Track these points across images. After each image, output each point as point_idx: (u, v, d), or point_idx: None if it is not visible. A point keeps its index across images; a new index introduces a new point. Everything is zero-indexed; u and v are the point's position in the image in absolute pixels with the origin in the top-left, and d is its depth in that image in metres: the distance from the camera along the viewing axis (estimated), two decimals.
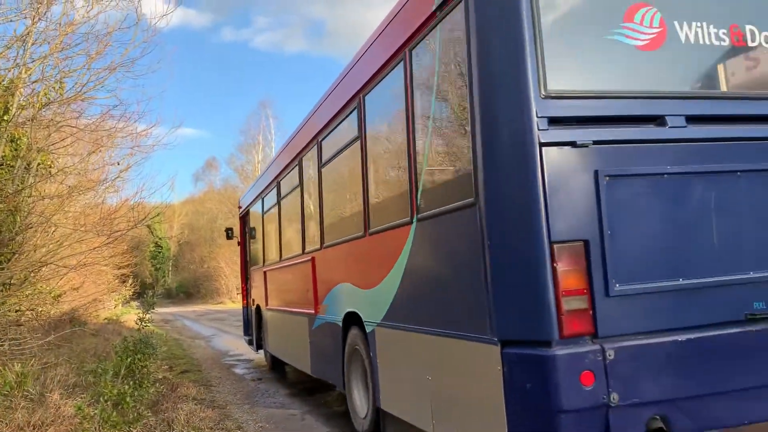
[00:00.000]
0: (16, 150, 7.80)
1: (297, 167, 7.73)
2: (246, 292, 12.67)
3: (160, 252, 59.01)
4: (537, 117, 3.16)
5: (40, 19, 7.66)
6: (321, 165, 6.68)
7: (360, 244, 5.47)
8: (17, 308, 7.51)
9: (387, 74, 4.81)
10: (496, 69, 3.38)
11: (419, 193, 4.25)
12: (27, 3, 7.65)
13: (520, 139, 3.19)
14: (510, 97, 3.26)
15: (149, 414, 5.93)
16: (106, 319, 19.47)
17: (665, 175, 3.32)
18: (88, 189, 9.70)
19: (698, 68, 3.67)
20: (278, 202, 9.01)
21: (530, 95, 3.17)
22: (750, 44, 3.67)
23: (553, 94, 3.21)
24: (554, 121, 3.18)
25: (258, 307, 11.02)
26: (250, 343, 11.97)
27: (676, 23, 3.50)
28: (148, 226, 52.92)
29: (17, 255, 7.58)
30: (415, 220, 4.28)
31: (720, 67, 3.70)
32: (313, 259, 7.02)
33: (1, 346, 7.27)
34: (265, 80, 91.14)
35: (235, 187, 53.33)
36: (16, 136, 7.84)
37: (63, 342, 11.17)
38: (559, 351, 3.03)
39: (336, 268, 6.28)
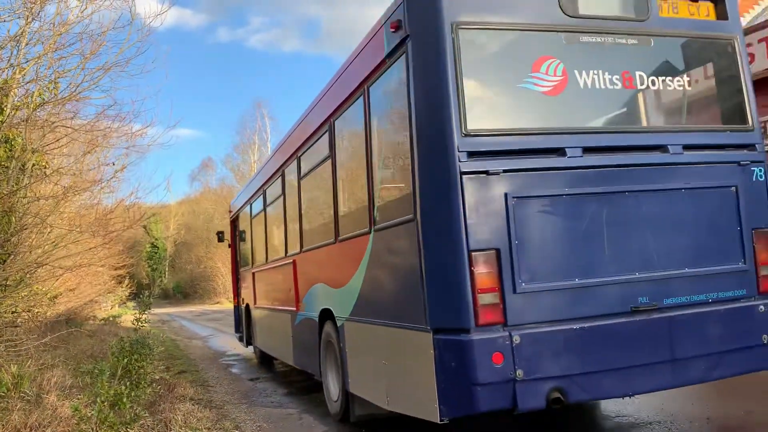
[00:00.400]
0: (10, 151, 7.76)
1: (280, 178, 8.48)
2: (236, 292, 13.48)
3: (156, 252, 58.96)
4: (458, 151, 3.91)
5: (33, 18, 7.64)
6: (300, 177, 7.42)
7: (331, 249, 6.24)
8: (13, 309, 7.48)
9: (352, 104, 5.58)
10: (428, 111, 4.13)
11: (375, 208, 5.02)
12: (20, 3, 7.62)
13: (445, 168, 3.95)
14: (438, 134, 4.01)
15: (146, 414, 5.92)
16: (102, 320, 19.44)
17: (564, 196, 4.08)
18: (83, 189, 9.65)
19: (595, 108, 4.51)
20: (264, 209, 9.82)
21: (453, 134, 3.92)
22: (639, 87, 4.45)
23: (471, 133, 3.95)
24: (472, 155, 3.94)
25: (247, 306, 11.75)
26: (240, 339, 12.72)
27: (576, 71, 4.24)
28: (144, 227, 52.88)
29: (13, 256, 7.56)
30: (372, 230, 5.05)
31: (613, 107, 4.55)
32: (294, 262, 7.73)
33: None
34: (261, 80, 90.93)
35: (231, 186, 53.28)
36: (11, 137, 7.81)
37: (59, 343, 11.14)
38: (476, 336, 3.79)
39: (313, 270, 7.02)
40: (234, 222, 13.56)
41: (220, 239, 15.30)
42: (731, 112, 4.77)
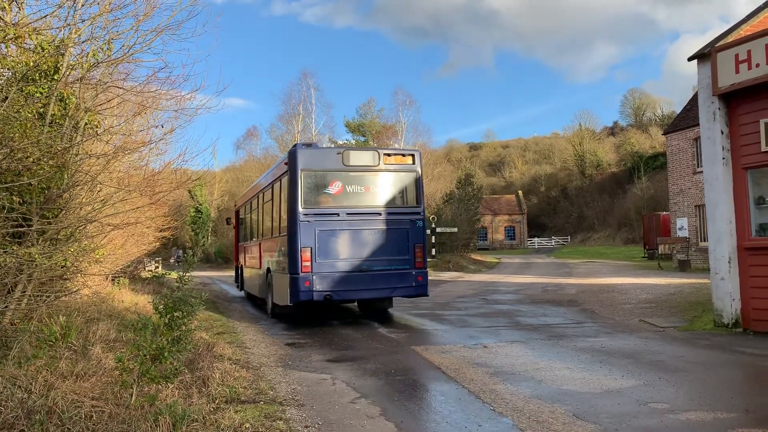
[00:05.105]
0: (64, 109, 7.91)
1: (256, 198, 16.96)
2: (237, 257, 21.83)
3: (200, 217, 60.03)
4: (300, 214, 11.89)
5: None
6: (264, 202, 15.66)
7: (271, 240, 14.27)
8: (63, 264, 7.70)
9: (278, 181, 13.61)
10: (290, 197, 12.14)
11: (281, 226, 13.14)
12: None
13: (294, 217, 11.93)
14: (293, 206, 12.00)
15: (186, 370, 6.07)
16: (146, 278, 19.98)
17: (337, 230, 12.05)
18: (132, 150, 9.81)
19: (354, 199, 12.35)
20: (250, 210, 18.38)
21: (298, 207, 11.92)
22: (372, 191, 12.56)
23: (304, 207, 11.97)
24: (305, 215, 11.92)
25: (241, 266, 20.19)
26: (237, 287, 21.30)
27: (346, 186, 12.35)
28: (189, 191, 53.82)
29: (64, 211, 7.76)
30: (280, 234, 13.17)
31: (361, 199, 12.42)
32: (260, 243, 16.04)
33: (47, 298, 7.51)
34: (311, 53, 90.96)
35: (275, 156, 53.66)
36: (65, 96, 7.94)
37: (105, 299, 11.51)
38: (300, 276, 11.71)
39: (266, 248, 15.03)
40: (237, 212, 22.23)
41: (228, 223, 25.32)
42: (413, 200, 12.66)
